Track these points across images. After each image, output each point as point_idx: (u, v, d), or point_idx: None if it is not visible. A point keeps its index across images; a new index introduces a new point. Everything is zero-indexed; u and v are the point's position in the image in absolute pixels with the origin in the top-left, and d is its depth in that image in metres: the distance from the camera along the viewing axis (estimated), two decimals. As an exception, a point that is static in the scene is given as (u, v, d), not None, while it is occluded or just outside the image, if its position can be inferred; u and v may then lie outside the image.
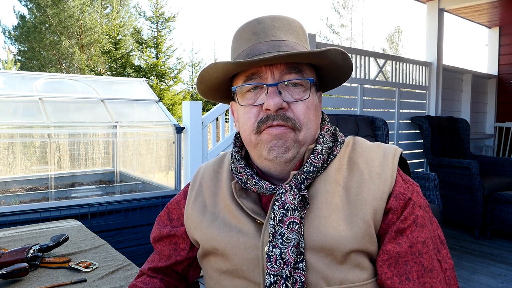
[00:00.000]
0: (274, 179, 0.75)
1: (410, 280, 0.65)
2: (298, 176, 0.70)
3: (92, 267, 1.17)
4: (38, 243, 1.24)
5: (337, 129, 0.80)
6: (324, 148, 0.73)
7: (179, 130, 2.83)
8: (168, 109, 6.04)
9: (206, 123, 2.84)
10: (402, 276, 0.65)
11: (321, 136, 0.75)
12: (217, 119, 2.91)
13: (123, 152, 3.40)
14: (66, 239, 1.29)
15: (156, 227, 0.88)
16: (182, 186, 2.87)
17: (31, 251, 1.16)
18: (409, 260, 0.66)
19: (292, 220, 0.67)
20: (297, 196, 0.68)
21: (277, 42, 0.72)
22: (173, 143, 2.87)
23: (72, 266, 1.16)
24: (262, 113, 0.70)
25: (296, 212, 0.68)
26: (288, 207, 0.68)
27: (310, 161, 0.71)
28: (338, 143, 0.76)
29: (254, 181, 0.73)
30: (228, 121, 2.97)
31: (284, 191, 0.69)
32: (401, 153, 0.75)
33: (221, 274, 0.75)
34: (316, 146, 0.73)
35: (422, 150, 4.05)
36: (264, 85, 0.70)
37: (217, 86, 0.78)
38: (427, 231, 0.69)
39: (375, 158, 0.73)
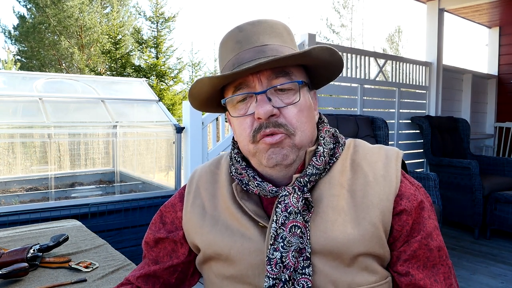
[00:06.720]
0: (276, 181, 0.74)
1: (438, 282, 0.68)
2: (301, 179, 0.69)
3: (92, 267, 1.17)
4: (38, 243, 1.24)
5: (337, 131, 0.79)
6: (326, 150, 0.72)
7: (179, 130, 2.83)
8: (168, 109, 6.04)
9: (206, 123, 2.83)
10: (431, 278, 0.68)
11: (322, 138, 0.74)
12: (217, 119, 2.91)
13: (123, 152, 3.39)
14: (66, 239, 1.29)
15: (149, 232, 0.85)
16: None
17: (31, 251, 1.16)
18: (437, 263, 0.69)
19: (294, 223, 0.66)
20: (300, 199, 0.67)
21: (260, 48, 0.70)
22: (173, 143, 2.87)
23: (72, 266, 1.16)
24: (255, 122, 0.69)
25: (299, 215, 0.67)
26: (291, 211, 0.67)
27: (313, 163, 0.70)
28: (340, 145, 0.75)
29: (256, 183, 0.71)
30: (228, 121, 2.96)
31: (287, 193, 0.68)
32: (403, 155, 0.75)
33: (223, 279, 0.73)
34: (317, 148, 0.72)
35: (422, 150, 4.05)
36: (253, 94, 0.69)
37: (209, 99, 0.77)
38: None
39: (378, 160, 0.73)
